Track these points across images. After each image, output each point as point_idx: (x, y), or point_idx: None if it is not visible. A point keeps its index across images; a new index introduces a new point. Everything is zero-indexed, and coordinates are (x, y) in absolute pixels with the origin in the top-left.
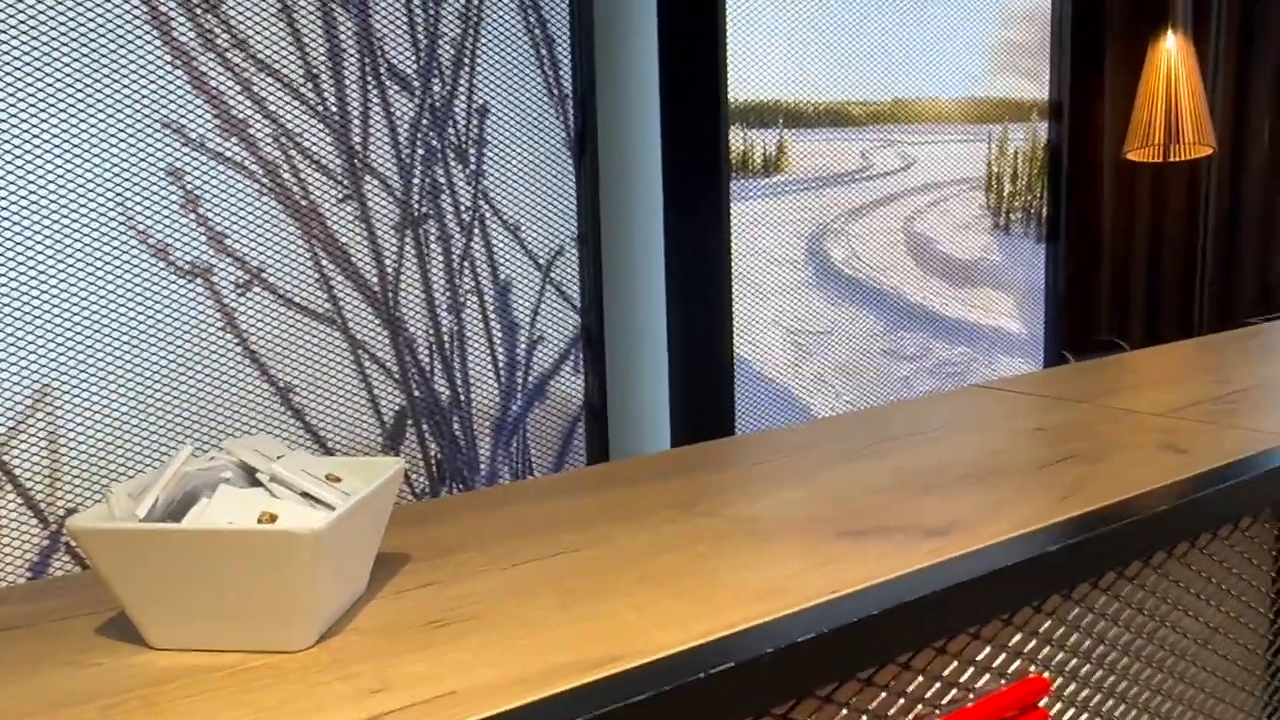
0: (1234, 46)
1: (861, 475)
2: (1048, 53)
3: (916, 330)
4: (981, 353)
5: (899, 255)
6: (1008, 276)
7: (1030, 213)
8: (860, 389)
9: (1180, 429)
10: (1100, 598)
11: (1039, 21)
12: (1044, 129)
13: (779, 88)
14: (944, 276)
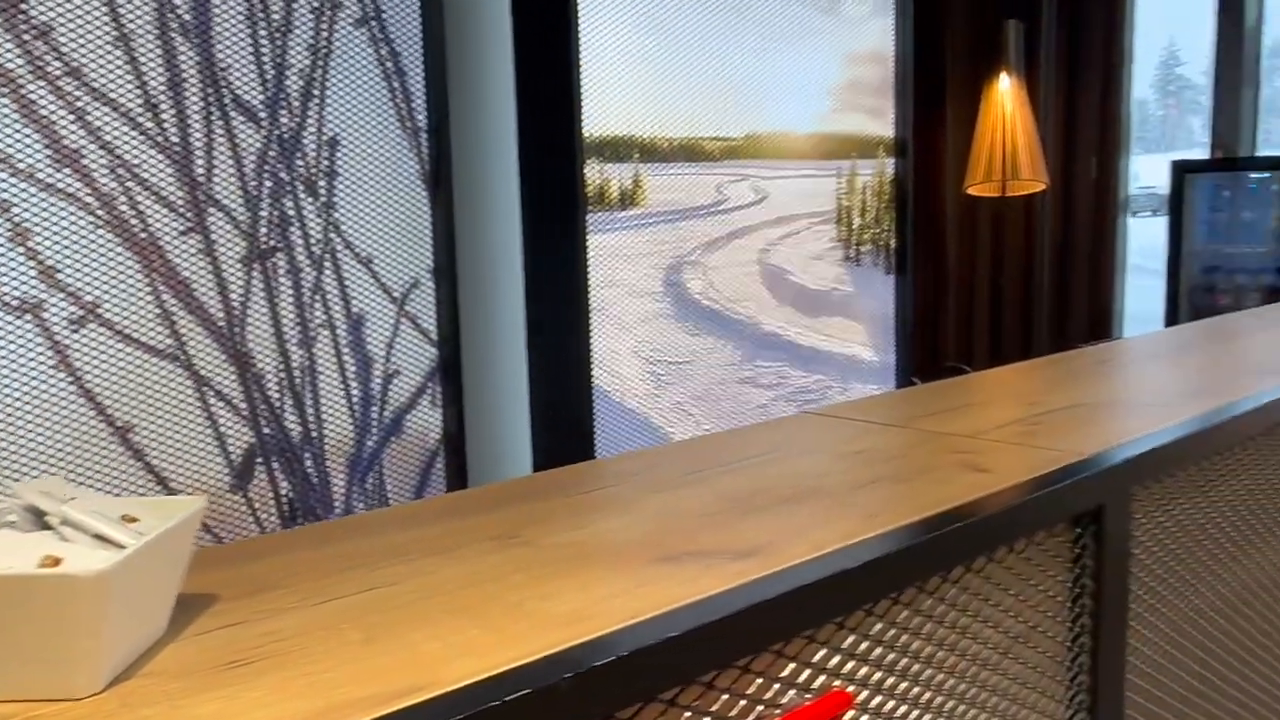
0: (1062, 87)
1: (684, 501)
2: (892, 92)
3: (773, 359)
4: (836, 380)
5: (754, 286)
6: (859, 306)
7: (879, 245)
8: (719, 417)
9: (986, 449)
10: (902, 612)
11: (883, 62)
12: (890, 164)
13: (634, 123)
14: (798, 306)
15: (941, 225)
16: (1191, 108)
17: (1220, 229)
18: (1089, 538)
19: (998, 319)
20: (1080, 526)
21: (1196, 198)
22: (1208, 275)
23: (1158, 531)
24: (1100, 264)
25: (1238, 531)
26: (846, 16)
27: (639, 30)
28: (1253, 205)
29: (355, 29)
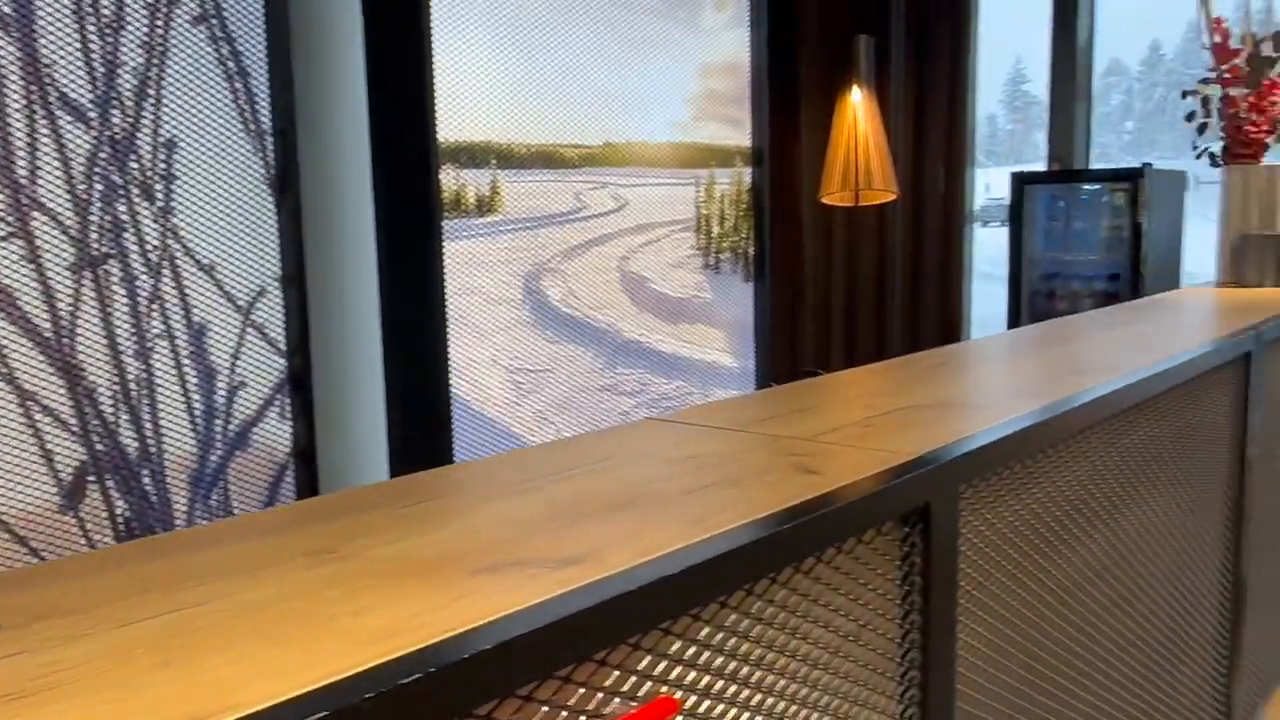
0: (911, 100)
1: (512, 510)
2: (748, 103)
3: (634, 366)
4: (697, 386)
5: (615, 293)
6: (719, 312)
7: (738, 252)
8: (581, 425)
9: (820, 452)
10: (730, 615)
11: (739, 73)
12: (748, 174)
13: (491, 129)
14: (659, 313)
15: (798, 233)
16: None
17: (1057, 237)
18: (917, 536)
19: (852, 324)
20: (908, 525)
21: (1035, 208)
22: (1046, 281)
23: (985, 528)
24: (949, 271)
25: (1061, 525)
26: (704, 28)
27: (496, 36)
28: (1086, 215)
29: (193, 26)
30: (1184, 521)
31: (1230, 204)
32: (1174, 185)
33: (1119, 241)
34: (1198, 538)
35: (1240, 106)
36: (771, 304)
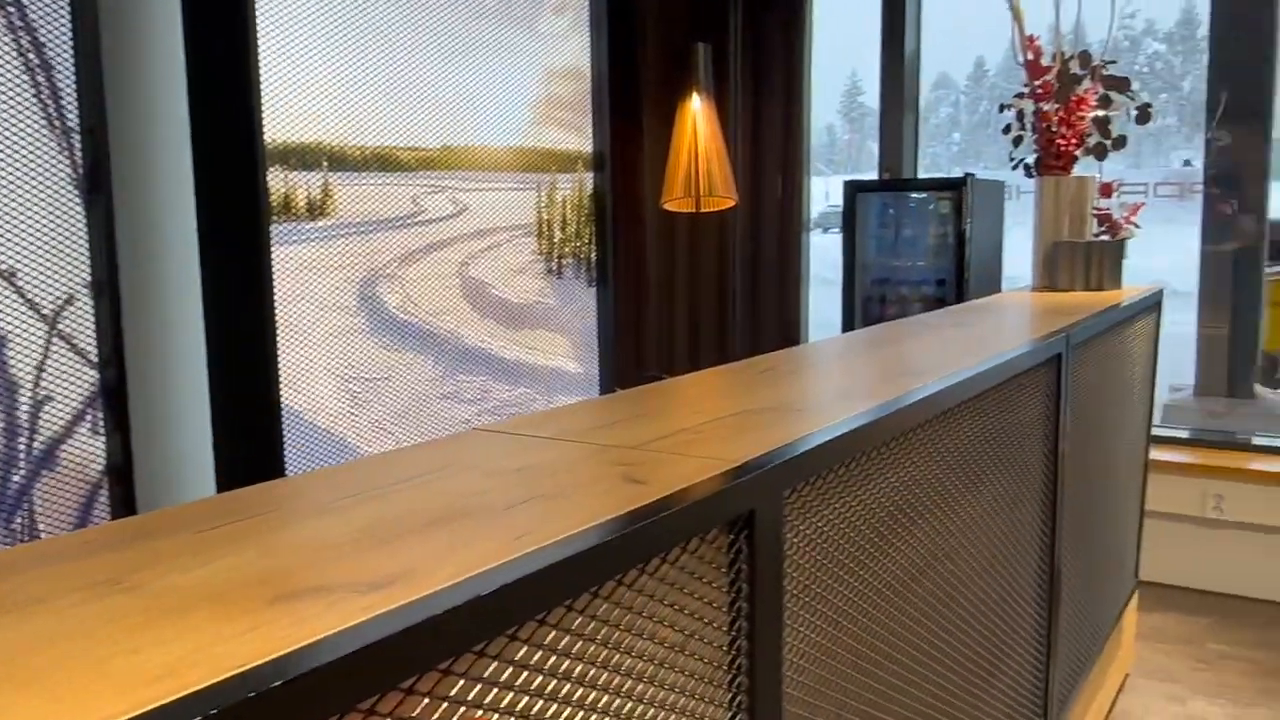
0: (749, 108)
1: (320, 530)
2: (589, 108)
3: (476, 373)
4: (541, 392)
5: (455, 300)
6: (562, 318)
7: (580, 258)
8: (420, 434)
9: (647, 460)
10: (550, 633)
11: (580, 78)
12: (590, 179)
13: (322, 130)
14: (501, 320)
15: (641, 238)
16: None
17: (888, 244)
18: (743, 542)
19: (696, 328)
20: (734, 532)
21: (867, 215)
22: (878, 286)
23: (811, 531)
24: (787, 276)
25: (887, 524)
26: (544, 33)
27: (327, 33)
28: (914, 222)
29: None
30: (1004, 515)
31: (1044, 213)
32: (994, 194)
33: (945, 248)
34: (1017, 530)
35: (1051, 120)
36: (615, 309)
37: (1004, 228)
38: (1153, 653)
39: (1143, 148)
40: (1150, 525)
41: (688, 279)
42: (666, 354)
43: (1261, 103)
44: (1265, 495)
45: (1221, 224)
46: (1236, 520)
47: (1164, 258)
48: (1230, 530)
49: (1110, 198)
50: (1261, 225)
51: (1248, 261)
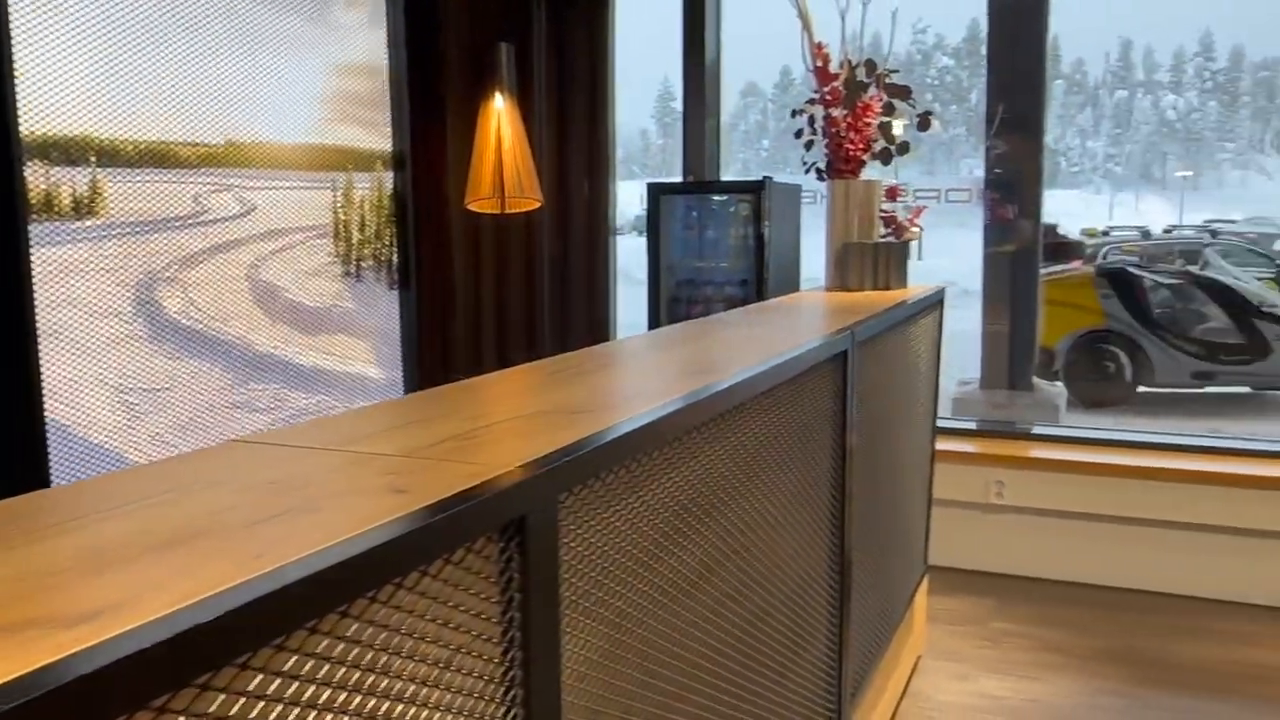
0: (553, 110)
1: (31, 558)
2: (388, 105)
3: (269, 381)
4: (340, 399)
5: (244, 304)
6: (362, 323)
7: (381, 260)
8: (206, 446)
9: (414, 469)
10: (290, 659)
11: (377, 74)
12: (389, 178)
13: (90, 122)
14: (296, 325)
15: (445, 239)
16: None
17: (692, 245)
18: (514, 550)
19: (504, 331)
20: (504, 540)
21: (671, 217)
22: (683, 287)
23: (591, 534)
24: (595, 278)
25: (675, 523)
26: (335, 25)
27: (93, 18)
28: (717, 224)
29: None
30: (794, 509)
31: (834, 215)
32: (792, 197)
33: (746, 249)
34: (808, 523)
35: (840, 126)
36: (419, 312)
37: (802, 230)
38: (943, 634)
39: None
40: (938, 513)
41: (494, 281)
42: (474, 357)
43: (1035, 114)
44: (1042, 480)
45: (1001, 227)
46: (1016, 505)
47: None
48: (1010, 514)
49: (896, 201)
50: (1037, 228)
51: (1025, 262)
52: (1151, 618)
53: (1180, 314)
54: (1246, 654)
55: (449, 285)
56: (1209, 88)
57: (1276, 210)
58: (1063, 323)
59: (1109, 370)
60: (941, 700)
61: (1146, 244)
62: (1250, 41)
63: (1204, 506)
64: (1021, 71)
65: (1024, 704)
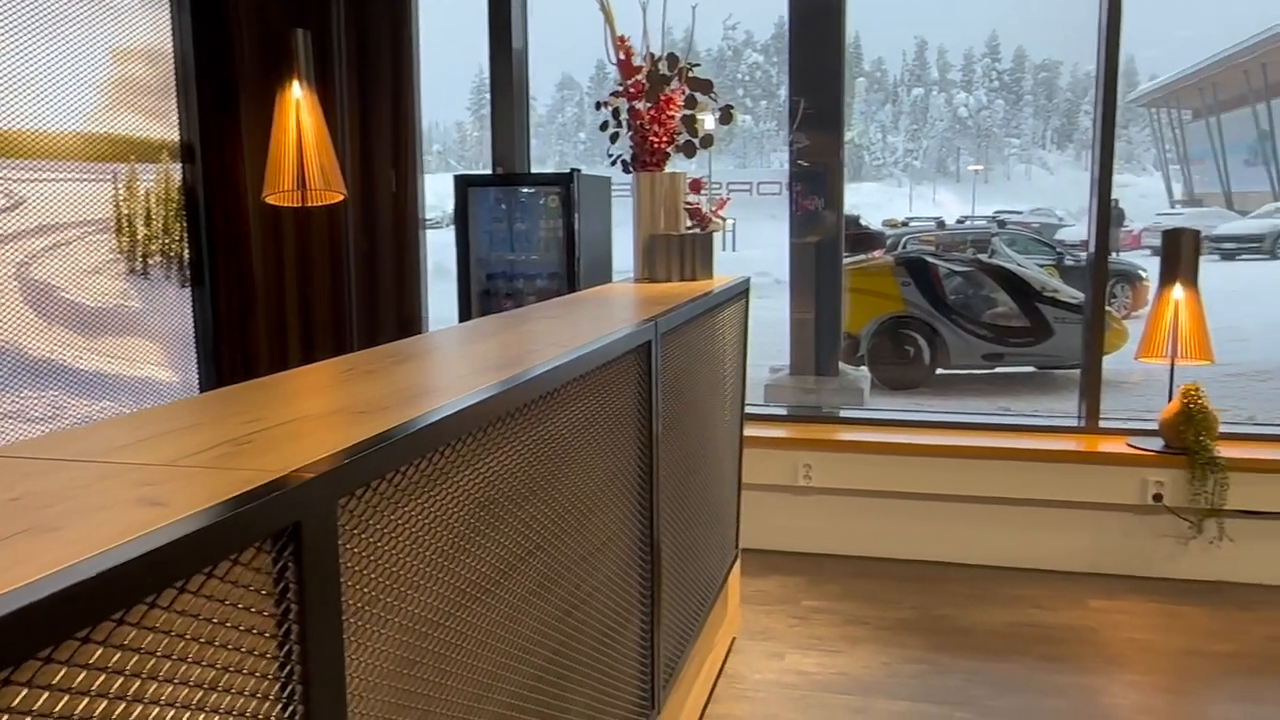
0: (356, 100)
1: None
2: (174, 93)
3: (45, 387)
4: (129, 406)
5: (13, 305)
6: (152, 323)
7: (171, 256)
8: None
9: (174, 479)
10: (21, 693)
11: (161, 61)
12: (178, 170)
13: None
14: (75, 326)
15: (244, 234)
16: None
17: (502, 238)
18: (288, 559)
19: (310, 329)
20: (276, 550)
21: (480, 210)
22: (493, 280)
23: (377, 538)
24: (404, 272)
25: (476, 518)
26: (112, 5)
27: None
28: (526, 217)
29: None
30: (603, 499)
31: (641, 207)
32: (601, 189)
33: (556, 241)
34: (617, 513)
35: (644, 119)
36: (217, 311)
37: (616, 222)
38: (756, 614)
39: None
40: (750, 496)
41: (298, 276)
42: (278, 357)
43: (835, 109)
44: (847, 462)
45: (805, 219)
46: (823, 486)
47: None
48: (818, 496)
49: (699, 193)
50: (840, 219)
51: (829, 252)
52: (948, 587)
53: (972, 300)
54: (1034, 616)
55: (248, 282)
56: (996, 87)
57: (1057, 202)
58: (866, 310)
59: (909, 354)
60: (755, 679)
61: (941, 234)
62: (1031, 44)
63: (995, 479)
64: (822, 68)
65: (832, 677)
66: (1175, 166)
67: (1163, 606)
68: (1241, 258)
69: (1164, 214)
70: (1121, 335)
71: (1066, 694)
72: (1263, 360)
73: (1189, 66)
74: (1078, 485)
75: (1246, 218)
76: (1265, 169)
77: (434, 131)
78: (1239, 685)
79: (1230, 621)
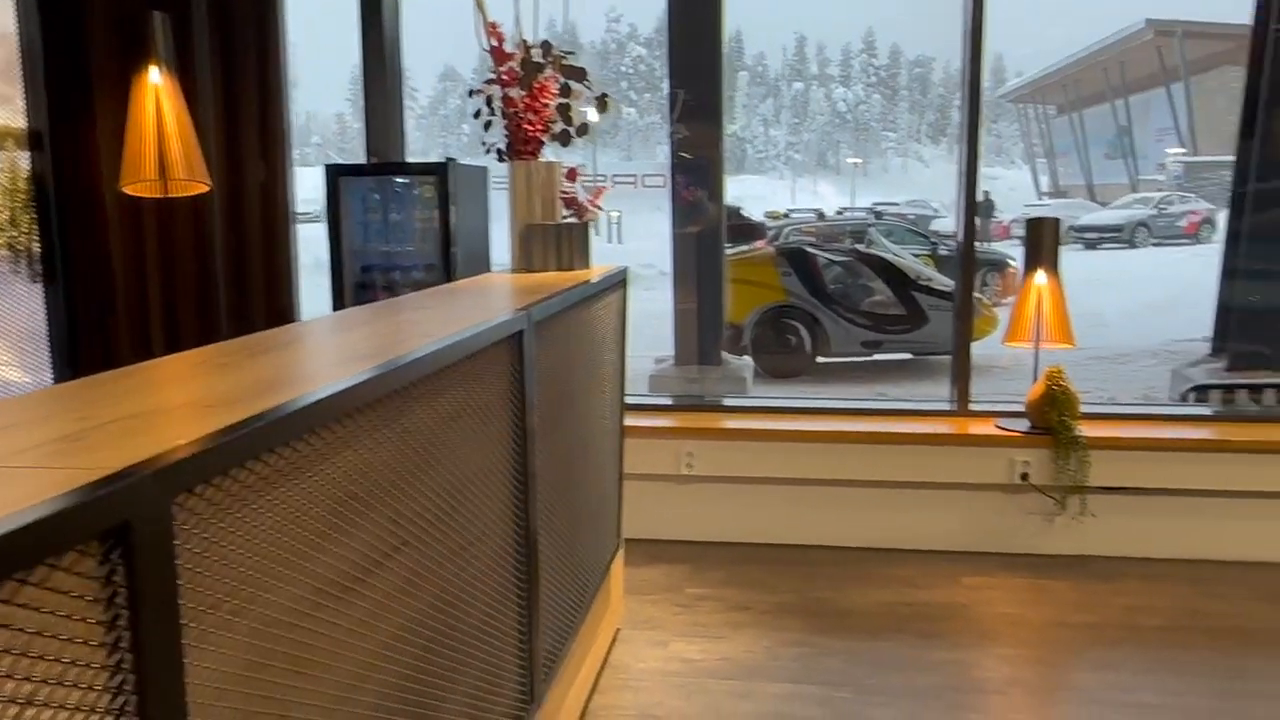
0: (220, 88)
1: None
2: (19, 77)
3: None
4: None
5: None
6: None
7: (19, 250)
8: None
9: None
10: None
11: (5, 44)
12: (26, 158)
13: None
14: None
15: (101, 225)
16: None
17: (376, 230)
18: (116, 561)
19: (176, 326)
20: (103, 553)
21: (353, 201)
22: (368, 273)
23: (221, 539)
24: (275, 265)
25: (329, 520)
26: None
27: None
28: (401, 208)
29: None
30: (475, 493)
31: (516, 197)
32: (478, 179)
33: (432, 233)
34: (490, 507)
35: (519, 107)
36: (71, 308)
37: (493, 213)
38: (641, 604)
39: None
40: (634, 486)
41: (161, 272)
42: (143, 355)
43: (714, 101)
44: (728, 449)
45: (687, 210)
46: (706, 474)
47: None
48: (701, 484)
49: (575, 182)
50: (721, 210)
51: (710, 243)
52: (828, 570)
53: (850, 289)
54: (911, 595)
55: (108, 277)
56: (873, 82)
57: (932, 194)
58: (749, 300)
59: (791, 343)
60: (639, 669)
61: (821, 225)
62: (906, 41)
63: (872, 463)
64: (701, 60)
65: (715, 663)
66: (1042, 160)
67: (1031, 581)
68: (1103, 247)
69: (1032, 205)
70: (991, 321)
71: (941, 670)
72: (1122, 344)
73: (1054, 64)
74: (949, 467)
75: (1107, 209)
76: (1124, 162)
77: (313, 123)
78: (1100, 655)
79: (1093, 594)
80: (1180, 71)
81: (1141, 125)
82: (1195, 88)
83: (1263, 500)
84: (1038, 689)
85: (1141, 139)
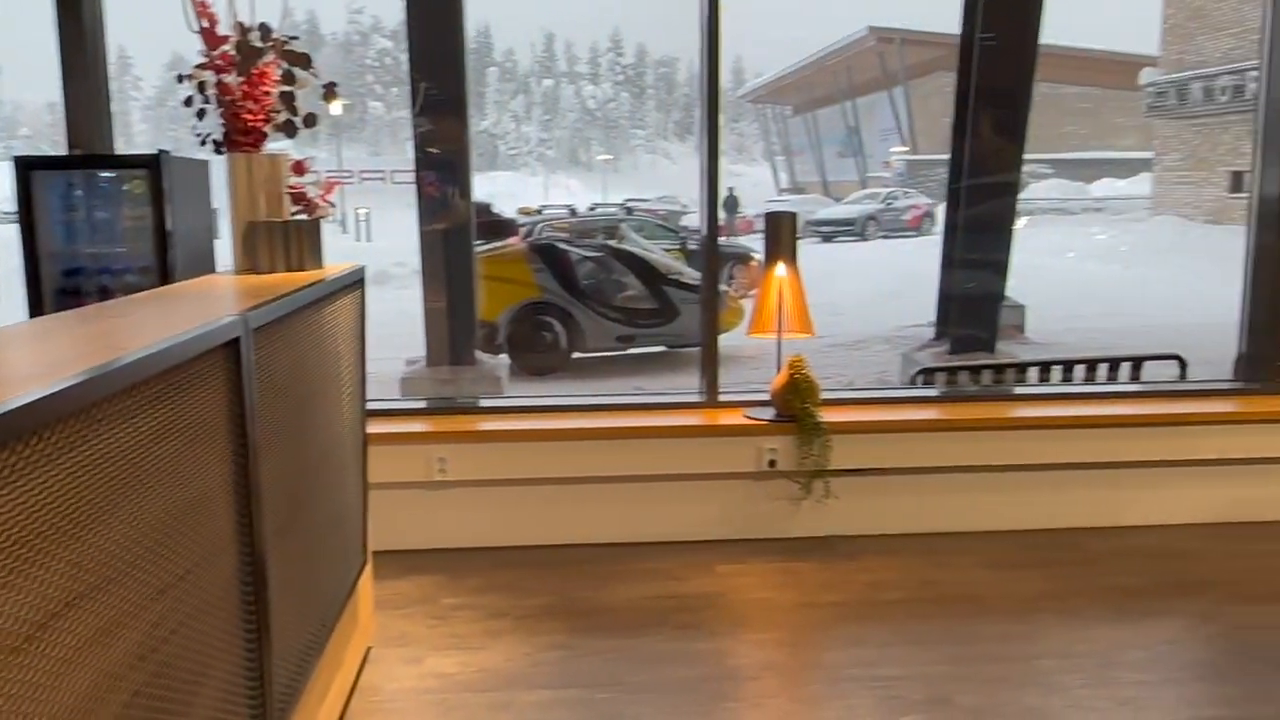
0: None
1: None
2: None
3: None
4: None
5: None
6: None
7: None
8: None
9: None
10: None
11: None
12: None
13: None
14: None
15: None
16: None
17: (80, 229)
18: None
19: None
20: None
21: (50, 198)
22: (71, 277)
23: None
24: None
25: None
26: None
27: None
28: (109, 205)
29: None
30: (191, 517)
31: (237, 192)
32: (198, 173)
33: (145, 231)
34: (206, 535)
35: (235, 94)
36: None
37: (214, 208)
38: (393, 619)
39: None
40: (383, 496)
41: None
42: None
43: (459, 94)
44: (484, 452)
45: (434, 206)
46: (460, 479)
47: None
48: (455, 489)
49: (304, 175)
50: (469, 206)
51: (459, 240)
52: (587, 568)
53: (603, 284)
54: (669, 588)
55: None
56: (621, 80)
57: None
58: (502, 297)
59: (546, 339)
60: (392, 689)
61: (574, 221)
62: (651, 41)
63: (626, 458)
64: (442, 52)
65: (473, 675)
66: (781, 158)
67: (780, 565)
68: (838, 240)
69: (772, 201)
70: (737, 313)
71: (700, 661)
72: (857, 331)
73: (790, 66)
74: (702, 457)
75: (840, 204)
76: (854, 161)
77: (20, 114)
78: (846, 631)
79: (838, 573)
80: (900, 76)
81: (868, 125)
82: (914, 91)
83: (986, 474)
84: (790, 671)
85: (869, 138)
